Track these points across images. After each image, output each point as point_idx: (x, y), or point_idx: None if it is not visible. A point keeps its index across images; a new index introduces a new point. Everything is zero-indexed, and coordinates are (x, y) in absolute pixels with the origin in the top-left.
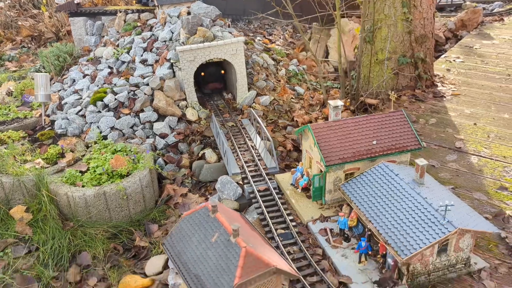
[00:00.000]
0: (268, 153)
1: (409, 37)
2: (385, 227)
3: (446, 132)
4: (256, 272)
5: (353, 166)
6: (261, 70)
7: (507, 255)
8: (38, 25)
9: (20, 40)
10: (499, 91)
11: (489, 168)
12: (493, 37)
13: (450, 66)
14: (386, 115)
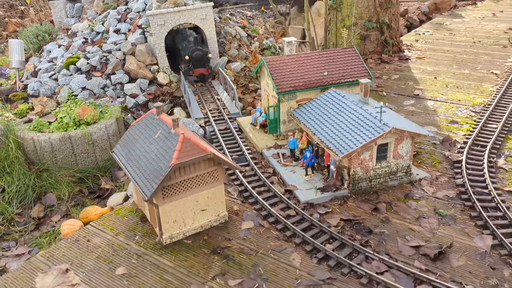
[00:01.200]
0: (232, 102)
1: (374, 2)
2: (327, 135)
3: (407, 84)
4: (193, 156)
5: (305, 97)
6: (234, 40)
7: (449, 169)
8: (24, 21)
9: (6, 35)
10: (463, 54)
11: (444, 109)
12: (464, 17)
13: (419, 38)
14: (338, 51)
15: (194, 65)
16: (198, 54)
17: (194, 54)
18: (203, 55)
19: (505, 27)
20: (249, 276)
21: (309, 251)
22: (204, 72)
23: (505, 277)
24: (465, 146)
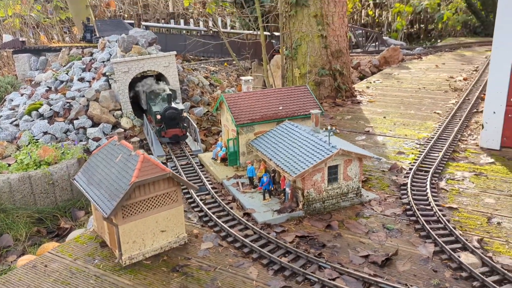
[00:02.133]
0: (194, 142)
1: (326, 52)
2: (282, 160)
3: (359, 123)
4: (153, 174)
5: (262, 129)
6: (196, 87)
7: (396, 191)
8: None
9: None
10: (409, 98)
11: (392, 143)
12: (411, 68)
13: (370, 85)
14: (292, 88)
15: (167, 125)
16: (172, 113)
17: (167, 113)
18: (177, 114)
19: (446, 76)
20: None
21: (265, 264)
22: (178, 132)
23: (446, 277)
24: (410, 172)
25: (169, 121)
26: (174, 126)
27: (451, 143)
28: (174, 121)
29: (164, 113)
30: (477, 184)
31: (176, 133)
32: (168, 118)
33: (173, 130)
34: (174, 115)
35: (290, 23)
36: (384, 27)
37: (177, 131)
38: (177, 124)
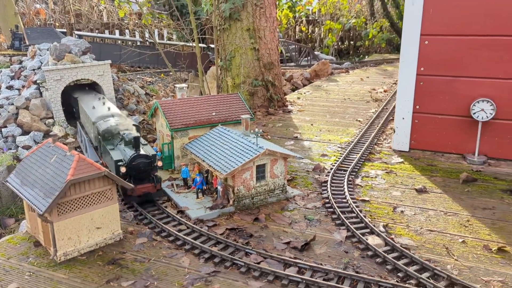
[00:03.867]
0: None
1: (259, 64)
2: (214, 160)
3: (288, 129)
4: (88, 173)
5: (196, 134)
6: (132, 96)
7: (318, 188)
8: None
9: None
10: (335, 107)
11: (317, 147)
12: (338, 81)
13: (301, 96)
14: (224, 95)
15: (135, 179)
16: (142, 163)
17: (136, 164)
18: (149, 163)
19: (369, 88)
20: (142, 278)
21: (197, 254)
22: (150, 189)
23: (355, 257)
24: (331, 171)
25: (138, 174)
26: (144, 180)
27: (368, 146)
28: (145, 173)
29: (131, 163)
30: (387, 180)
31: (148, 189)
32: (136, 171)
33: (143, 186)
34: (145, 166)
35: (224, 36)
36: (316, 43)
37: (149, 187)
38: (149, 177)
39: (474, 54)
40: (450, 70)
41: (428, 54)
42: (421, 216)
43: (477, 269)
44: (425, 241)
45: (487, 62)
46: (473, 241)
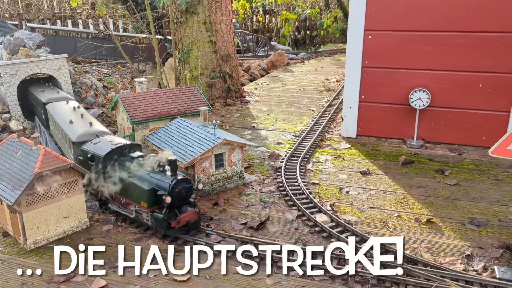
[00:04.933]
0: None
1: (216, 56)
2: (175, 151)
3: (246, 119)
4: (54, 165)
5: (156, 126)
6: (90, 90)
7: (273, 173)
8: None
9: None
10: (290, 97)
11: (272, 136)
12: (294, 71)
13: (258, 87)
14: (183, 88)
15: (179, 208)
16: (184, 189)
17: (179, 191)
18: (190, 187)
19: (323, 78)
20: (110, 260)
21: (161, 237)
22: (194, 216)
23: (304, 233)
24: (285, 158)
25: (179, 201)
26: (183, 207)
27: (319, 134)
28: (186, 198)
29: (173, 191)
30: (335, 164)
31: (192, 217)
32: (178, 198)
33: (187, 214)
34: (187, 191)
35: (181, 29)
36: (273, 33)
37: (192, 214)
38: (188, 203)
39: (412, 48)
40: (391, 63)
41: (372, 48)
42: (364, 196)
43: (408, 238)
44: (366, 217)
45: (423, 55)
46: (407, 215)
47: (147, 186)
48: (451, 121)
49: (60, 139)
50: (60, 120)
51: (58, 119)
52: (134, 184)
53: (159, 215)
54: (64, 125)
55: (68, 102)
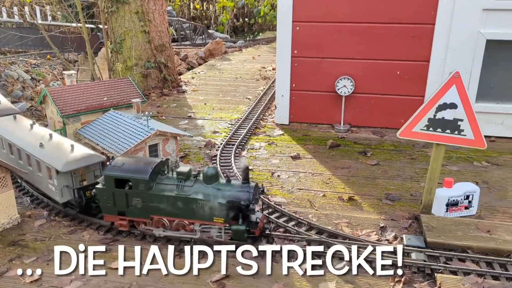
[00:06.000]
0: None
1: (150, 46)
2: (108, 144)
3: (183, 109)
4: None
5: (88, 119)
6: (16, 82)
7: (209, 161)
8: None
9: None
10: (227, 86)
11: (209, 125)
12: (231, 60)
13: (195, 76)
14: (115, 80)
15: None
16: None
17: (257, 196)
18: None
19: (260, 66)
20: (44, 254)
21: (96, 228)
22: (264, 219)
23: None
24: (221, 146)
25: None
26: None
27: (254, 122)
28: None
29: (254, 198)
30: (269, 150)
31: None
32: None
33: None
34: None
35: (113, 18)
36: (211, 21)
37: (263, 217)
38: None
39: (336, 38)
40: (318, 52)
41: (300, 39)
42: (293, 178)
43: (331, 215)
44: (294, 198)
45: (347, 46)
46: (331, 194)
47: (223, 199)
48: (373, 106)
49: (24, 166)
50: (23, 145)
51: (19, 143)
52: (202, 200)
53: (240, 227)
54: (35, 151)
55: (16, 117)
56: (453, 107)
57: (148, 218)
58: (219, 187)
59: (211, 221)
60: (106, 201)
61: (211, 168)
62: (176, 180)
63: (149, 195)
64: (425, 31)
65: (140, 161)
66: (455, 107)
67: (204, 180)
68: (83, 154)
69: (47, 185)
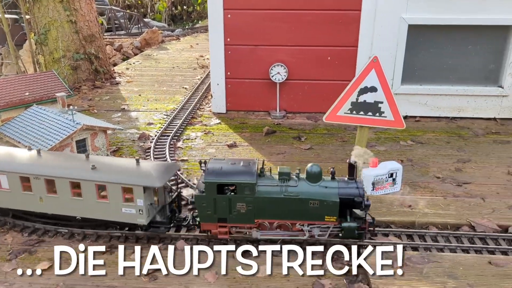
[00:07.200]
0: None
1: (78, 37)
2: (31, 140)
3: (116, 102)
4: None
5: (9, 115)
6: None
7: (143, 154)
8: None
9: None
10: (164, 76)
11: (144, 116)
12: (169, 49)
13: (130, 67)
14: (38, 74)
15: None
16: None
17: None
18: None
19: (198, 55)
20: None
21: (20, 230)
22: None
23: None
24: (155, 138)
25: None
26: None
27: (191, 111)
28: None
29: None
30: (205, 140)
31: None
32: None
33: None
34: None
35: (35, 8)
36: (148, 9)
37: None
38: None
39: (270, 25)
40: (252, 40)
41: (232, 26)
42: None
43: None
44: None
45: (280, 32)
46: None
47: (336, 197)
48: (307, 92)
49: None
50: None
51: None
52: (314, 200)
53: (351, 224)
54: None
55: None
56: (374, 90)
57: (253, 223)
58: (325, 185)
59: (322, 221)
60: (205, 209)
61: (315, 166)
62: (279, 181)
63: (255, 199)
64: (352, 17)
65: (236, 163)
66: (375, 90)
67: (308, 179)
68: (159, 165)
69: (117, 211)
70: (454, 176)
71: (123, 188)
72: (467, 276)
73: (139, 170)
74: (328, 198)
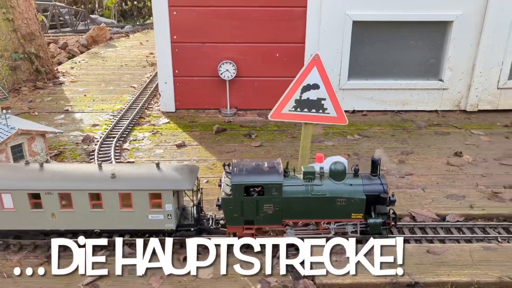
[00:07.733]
0: None
1: (16, 35)
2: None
3: (59, 103)
4: None
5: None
6: None
7: (86, 157)
8: None
9: None
10: (111, 75)
11: (89, 118)
12: (117, 46)
13: (75, 66)
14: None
15: (383, 216)
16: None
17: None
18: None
19: (147, 52)
20: None
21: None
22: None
23: None
24: (100, 140)
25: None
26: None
27: (139, 111)
28: None
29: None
30: (153, 140)
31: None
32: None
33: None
34: None
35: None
36: (96, 5)
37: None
38: None
39: (217, 22)
40: (199, 37)
41: (178, 23)
42: None
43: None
44: None
45: (227, 29)
46: (214, 179)
47: (361, 195)
48: (257, 89)
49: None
50: (82, 185)
51: (68, 186)
52: (341, 198)
53: (377, 220)
54: (117, 184)
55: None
56: (316, 87)
57: (280, 224)
58: (350, 183)
59: (349, 218)
60: (232, 211)
61: (339, 163)
62: (304, 181)
63: (282, 199)
64: (298, 13)
65: (260, 164)
66: (318, 87)
67: (332, 177)
68: (181, 167)
69: (143, 218)
70: (398, 168)
71: (151, 195)
72: (406, 265)
73: (164, 174)
74: (354, 195)
